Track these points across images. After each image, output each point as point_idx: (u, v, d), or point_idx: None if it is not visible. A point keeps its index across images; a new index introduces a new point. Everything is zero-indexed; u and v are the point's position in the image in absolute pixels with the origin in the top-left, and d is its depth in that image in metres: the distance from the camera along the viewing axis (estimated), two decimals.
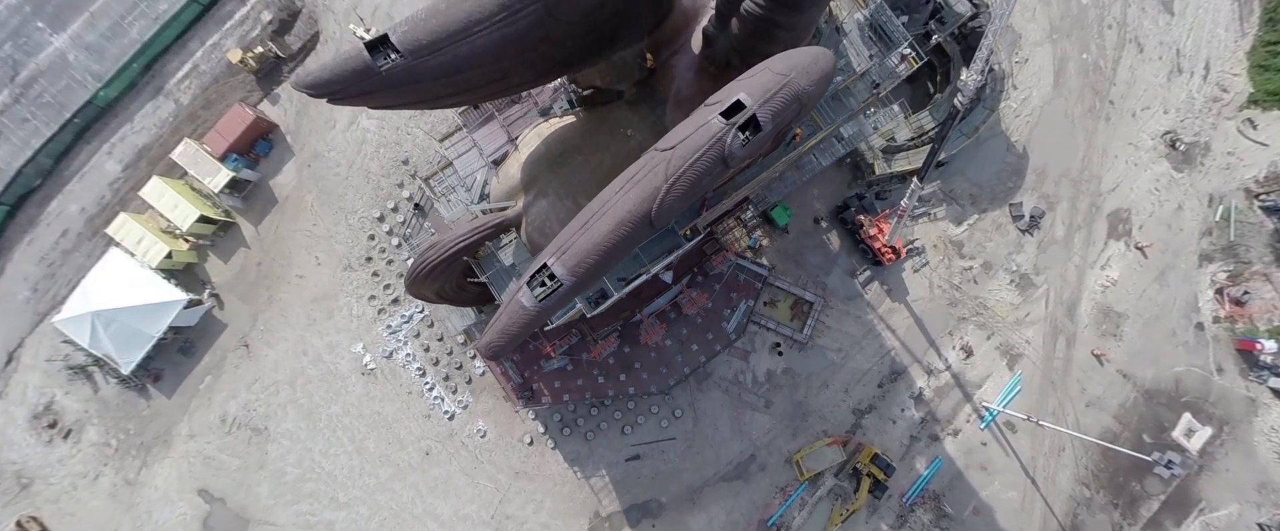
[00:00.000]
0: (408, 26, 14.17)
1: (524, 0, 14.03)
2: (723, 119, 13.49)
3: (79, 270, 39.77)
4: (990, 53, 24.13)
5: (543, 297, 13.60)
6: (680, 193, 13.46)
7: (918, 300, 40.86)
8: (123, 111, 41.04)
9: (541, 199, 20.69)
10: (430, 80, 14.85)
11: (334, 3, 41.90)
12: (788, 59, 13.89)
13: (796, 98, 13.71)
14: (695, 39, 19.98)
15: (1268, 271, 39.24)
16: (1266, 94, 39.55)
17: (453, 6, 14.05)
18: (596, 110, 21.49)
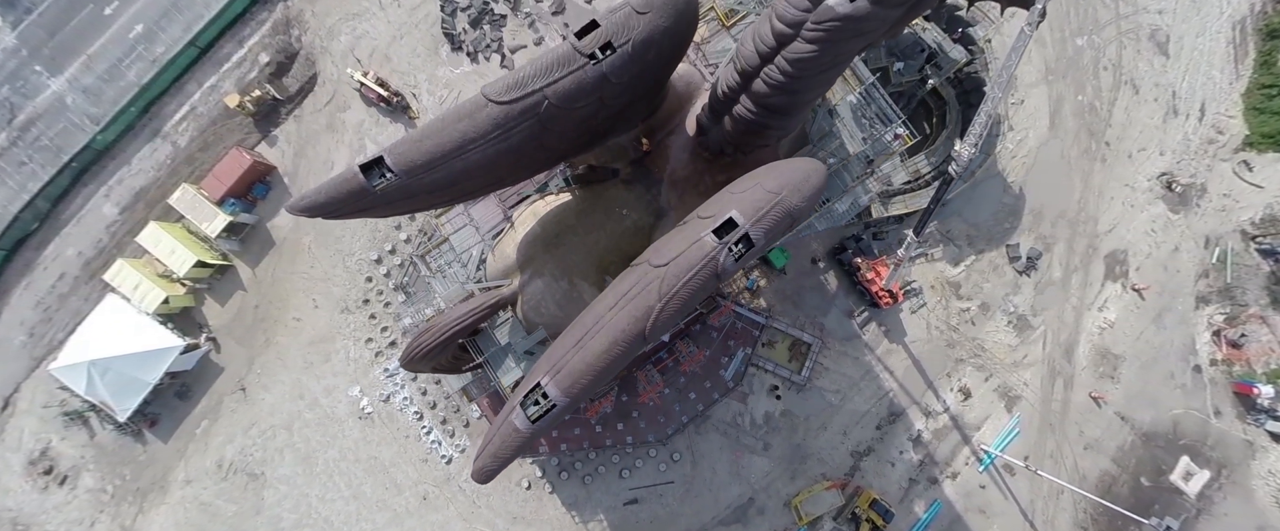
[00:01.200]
0: (402, 148, 14.17)
1: (518, 117, 14.07)
2: (716, 238, 13.50)
3: (75, 314, 39.71)
4: (986, 128, 24.21)
5: (536, 418, 13.58)
6: (674, 311, 13.46)
7: (915, 341, 40.84)
8: (120, 154, 41.08)
9: (537, 279, 20.70)
10: (425, 194, 14.89)
11: (331, 45, 42.01)
12: (780, 175, 13.92)
13: (789, 214, 13.74)
14: (689, 121, 20.05)
15: (1264, 314, 39.30)
16: (1262, 136, 39.70)
17: (447, 127, 14.07)
18: (592, 188, 21.51)
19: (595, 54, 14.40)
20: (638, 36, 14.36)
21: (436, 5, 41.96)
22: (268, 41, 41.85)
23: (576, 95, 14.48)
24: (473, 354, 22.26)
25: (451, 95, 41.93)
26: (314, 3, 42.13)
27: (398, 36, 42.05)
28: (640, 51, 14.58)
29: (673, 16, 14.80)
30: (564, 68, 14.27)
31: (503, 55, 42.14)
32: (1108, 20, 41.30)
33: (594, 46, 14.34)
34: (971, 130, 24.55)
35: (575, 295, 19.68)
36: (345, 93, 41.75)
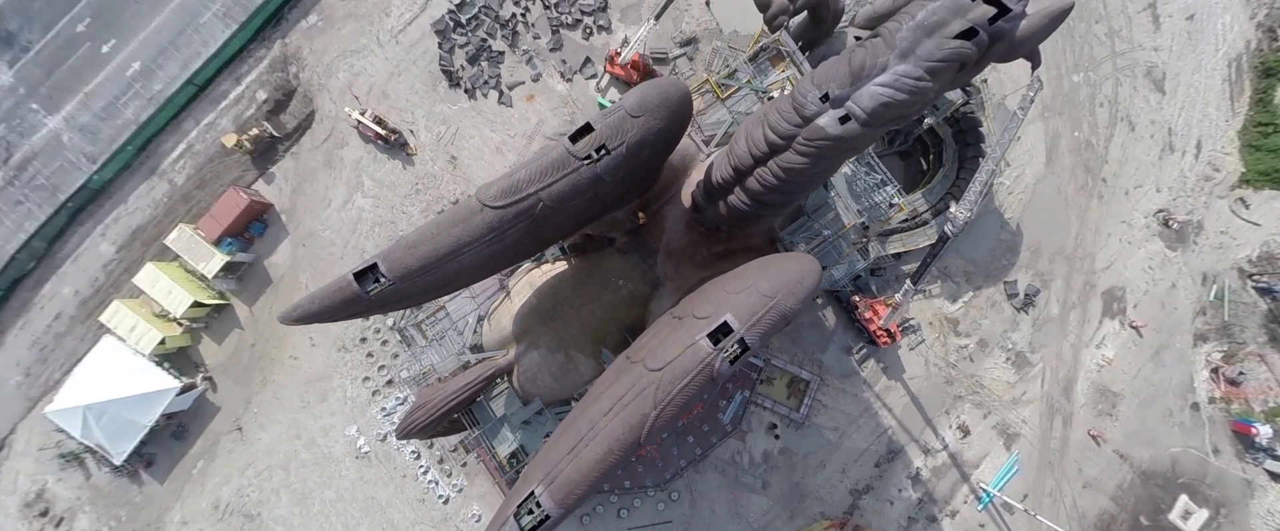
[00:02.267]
0: (397, 254, 14.16)
1: (513, 220, 14.08)
2: (710, 343, 13.48)
3: (71, 354, 39.60)
4: (983, 192, 24.23)
5: (530, 528, 13.54)
6: (669, 418, 13.43)
7: (914, 378, 40.79)
8: (117, 192, 41.02)
9: (533, 350, 20.71)
10: (419, 295, 14.88)
11: (329, 81, 42.04)
12: (774, 277, 13.91)
13: (783, 317, 13.73)
14: (685, 192, 20.04)
15: (1262, 352, 39.30)
16: (1258, 174, 39.77)
17: (441, 233, 14.07)
18: (588, 256, 21.53)
19: (591, 155, 14.41)
20: (632, 138, 14.39)
21: (434, 42, 42.03)
22: (265, 79, 41.89)
23: (571, 196, 14.49)
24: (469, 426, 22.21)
25: (449, 131, 41.98)
26: (312, 40, 42.18)
27: (395, 73, 42.10)
28: (635, 152, 14.61)
29: (667, 118, 14.83)
30: (559, 171, 14.29)
31: (500, 92, 42.18)
32: (1104, 57, 41.40)
33: (589, 149, 14.35)
34: (968, 195, 24.57)
35: (572, 367, 19.68)
36: (343, 129, 41.76)
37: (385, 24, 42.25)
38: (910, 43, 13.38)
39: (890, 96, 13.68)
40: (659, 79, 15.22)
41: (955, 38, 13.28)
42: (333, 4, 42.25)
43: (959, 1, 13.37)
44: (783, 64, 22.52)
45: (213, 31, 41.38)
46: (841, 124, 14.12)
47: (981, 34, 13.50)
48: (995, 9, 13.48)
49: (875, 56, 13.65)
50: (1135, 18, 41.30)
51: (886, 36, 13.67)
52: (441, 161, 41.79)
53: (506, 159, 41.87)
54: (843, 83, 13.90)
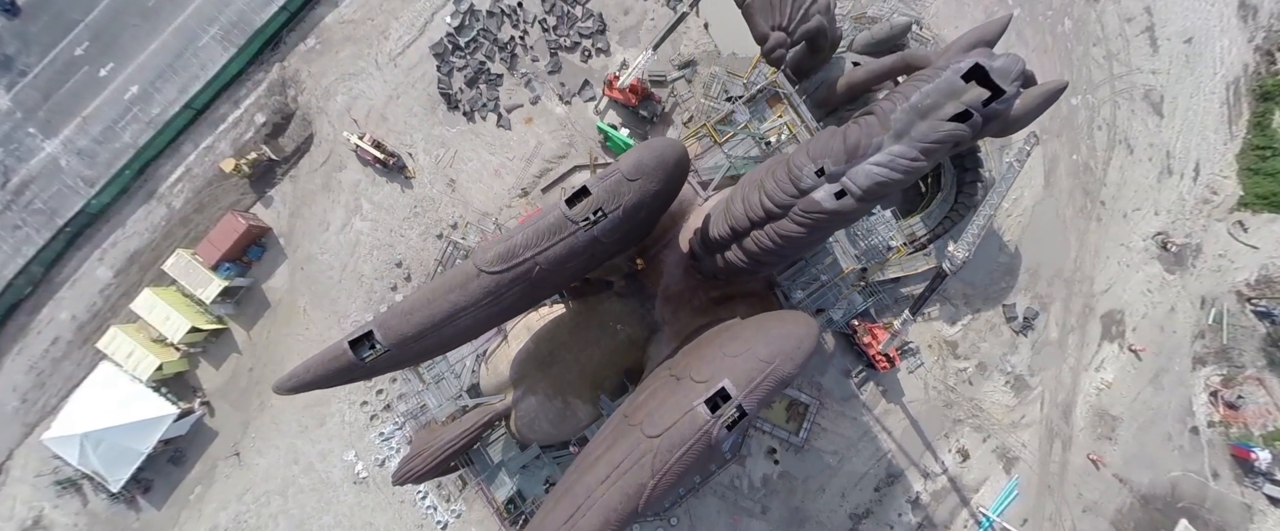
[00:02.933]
0: (392, 321, 14.14)
1: (510, 284, 14.04)
2: (708, 410, 13.43)
3: (69, 379, 39.48)
4: (981, 233, 24.22)
5: None
6: (667, 485, 13.39)
7: (913, 401, 40.75)
8: (114, 216, 40.92)
9: (531, 396, 20.65)
10: (414, 358, 14.84)
11: (328, 105, 42.00)
12: (772, 342, 13.88)
13: (781, 383, 13.71)
14: (682, 237, 20.00)
15: (1261, 376, 39.30)
16: (1256, 197, 39.82)
17: (437, 298, 14.04)
18: (586, 300, 21.52)
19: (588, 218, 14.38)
20: (628, 202, 14.37)
21: (433, 65, 42.00)
22: (264, 102, 41.84)
23: (568, 258, 14.46)
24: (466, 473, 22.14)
25: (448, 154, 41.94)
26: (310, 63, 42.14)
27: (394, 96, 42.06)
28: (631, 214, 14.59)
29: (663, 180, 14.82)
30: (556, 235, 14.26)
31: (499, 114, 42.16)
32: (1102, 80, 41.46)
33: (586, 214, 14.33)
34: (965, 236, 24.57)
35: (569, 413, 19.61)
36: (341, 153, 41.71)
37: (383, 47, 42.23)
38: (904, 124, 13.38)
39: (885, 176, 13.71)
40: (656, 140, 15.18)
41: (950, 120, 13.27)
42: (331, 27, 42.23)
43: (953, 83, 13.34)
44: (780, 106, 22.51)
45: (211, 55, 41.36)
46: (837, 199, 14.14)
47: (976, 116, 13.48)
48: (989, 91, 13.45)
49: (870, 136, 13.65)
50: (1133, 41, 41.37)
51: (880, 115, 13.66)
52: (440, 184, 41.73)
53: (505, 181, 41.84)
54: (838, 159, 13.92)
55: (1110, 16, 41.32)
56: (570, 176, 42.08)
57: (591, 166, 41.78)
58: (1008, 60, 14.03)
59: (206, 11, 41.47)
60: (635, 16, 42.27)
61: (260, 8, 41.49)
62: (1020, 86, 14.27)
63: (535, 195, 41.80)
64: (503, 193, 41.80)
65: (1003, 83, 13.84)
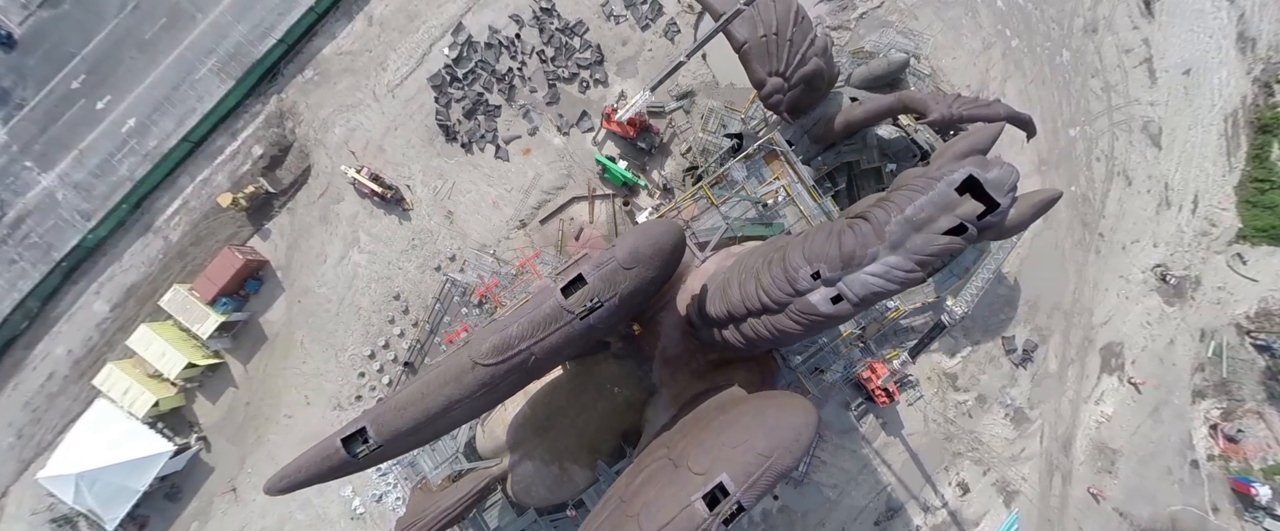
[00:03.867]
0: (386, 417, 14.02)
1: (505, 375, 13.94)
2: (706, 506, 13.31)
3: (65, 415, 39.33)
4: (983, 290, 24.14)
5: None
6: None
7: (913, 434, 40.63)
8: (111, 250, 40.81)
9: (527, 461, 20.53)
10: (406, 450, 14.72)
11: (326, 137, 41.93)
12: (771, 434, 13.77)
13: (780, 475, 13.59)
14: (680, 299, 19.90)
15: (1261, 409, 39.21)
16: (1255, 230, 39.78)
17: (430, 393, 13.93)
18: (582, 362, 21.41)
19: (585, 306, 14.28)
20: (625, 290, 14.30)
21: (431, 97, 41.96)
22: (261, 134, 41.77)
23: (563, 347, 14.38)
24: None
25: (446, 186, 41.86)
26: (308, 95, 42.09)
27: (392, 128, 42.00)
28: (627, 302, 14.51)
29: (660, 268, 14.74)
30: (551, 326, 14.18)
31: (497, 146, 42.09)
32: (1100, 111, 41.45)
33: (582, 305, 14.24)
34: (965, 292, 24.51)
35: (566, 479, 19.53)
36: (339, 185, 41.62)
37: (381, 78, 42.18)
38: (899, 236, 13.34)
39: (882, 286, 13.68)
40: (653, 224, 15.12)
41: (945, 233, 13.24)
42: (329, 59, 42.19)
43: (947, 196, 13.27)
44: (777, 163, 22.48)
45: (208, 87, 41.31)
46: (834, 304, 14.08)
47: (970, 229, 13.46)
48: (983, 204, 13.42)
49: (865, 245, 13.62)
50: (1131, 72, 41.37)
51: (875, 225, 13.60)
52: (438, 216, 41.65)
53: (503, 213, 41.76)
54: (833, 265, 13.88)
55: (1108, 48, 41.33)
56: (568, 207, 42.01)
57: (589, 198, 41.76)
58: (1002, 172, 13.99)
59: (204, 44, 41.42)
60: (633, 47, 42.26)
61: (258, 40, 41.46)
62: (1013, 199, 14.20)
63: (533, 227, 41.74)
64: (501, 224, 41.72)
65: (997, 195, 13.79)
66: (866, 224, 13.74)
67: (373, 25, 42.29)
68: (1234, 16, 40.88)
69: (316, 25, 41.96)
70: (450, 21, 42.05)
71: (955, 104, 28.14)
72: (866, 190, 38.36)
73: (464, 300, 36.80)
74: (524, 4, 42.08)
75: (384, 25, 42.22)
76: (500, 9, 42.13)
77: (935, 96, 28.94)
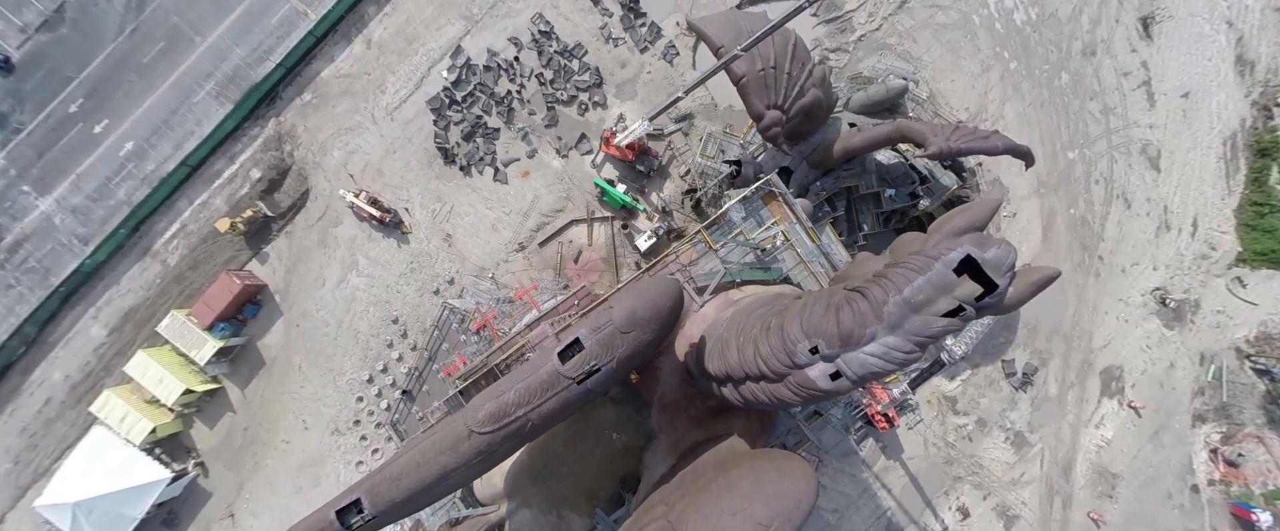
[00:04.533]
0: (381, 487, 13.93)
1: (501, 442, 13.85)
2: None
3: (62, 440, 39.17)
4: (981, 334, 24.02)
5: None
6: None
7: (913, 458, 40.52)
8: (109, 274, 40.70)
9: (525, 509, 20.44)
10: (401, 517, 14.63)
11: (324, 160, 41.87)
12: (770, 501, 13.69)
13: None
14: (679, 344, 19.81)
15: (1261, 434, 39.12)
16: (1254, 253, 39.75)
17: (427, 463, 13.83)
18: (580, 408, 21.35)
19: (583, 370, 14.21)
20: (623, 354, 14.23)
21: (429, 119, 41.92)
22: (259, 157, 41.70)
23: (560, 412, 14.30)
24: None
25: (444, 209, 41.80)
26: (306, 118, 42.04)
27: (391, 151, 41.95)
28: (625, 365, 14.44)
29: (657, 330, 14.68)
30: (548, 391, 14.10)
31: (496, 169, 42.05)
32: (1098, 134, 41.45)
33: (580, 370, 14.16)
34: (967, 331, 24.46)
35: (564, 528, 19.43)
36: (338, 208, 41.55)
37: (380, 101, 42.15)
38: (898, 317, 13.27)
39: (881, 367, 13.64)
40: (650, 285, 15.04)
41: (943, 315, 13.17)
42: (327, 82, 42.16)
43: (945, 277, 13.18)
44: (775, 204, 22.45)
45: (206, 110, 41.26)
46: (833, 380, 14.04)
47: (969, 310, 13.41)
48: (981, 285, 13.34)
49: (863, 325, 13.56)
50: (1130, 95, 41.38)
51: (873, 304, 13.52)
52: (437, 239, 41.58)
53: (502, 236, 41.69)
54: (831, 342, 13.83)
55: (1107, 71, 41.35)
56: (567, 230, 41.96)
57: (588, 220, 41.71)
58: (1000, 252, 13.92)
59: (202, 67, 41.39)
60: (632, 70, 42.28)
61: (256, 63, 41.44)
62: (1011, 280, 14.14)
63: (532, 249, 41.67)
64: (499, 247, 41.66)
65: (995, 276, 13.72)
66: (864, 301, 13.68)
67: (371, 48, 42.28)
68: (1232, 40, 40.92)
69: (315, 48, 41.95)
70: (449, 44, 42.07)
71: (953, 136, 28.11)
72: (866, 215, 38.40)
73: (462, 327, 36.69)
74: (523, 27, 42.11)
75: (383, 48, 42.22)
76: (499, 32, 42.16)
77: (933, 128, 28.92)
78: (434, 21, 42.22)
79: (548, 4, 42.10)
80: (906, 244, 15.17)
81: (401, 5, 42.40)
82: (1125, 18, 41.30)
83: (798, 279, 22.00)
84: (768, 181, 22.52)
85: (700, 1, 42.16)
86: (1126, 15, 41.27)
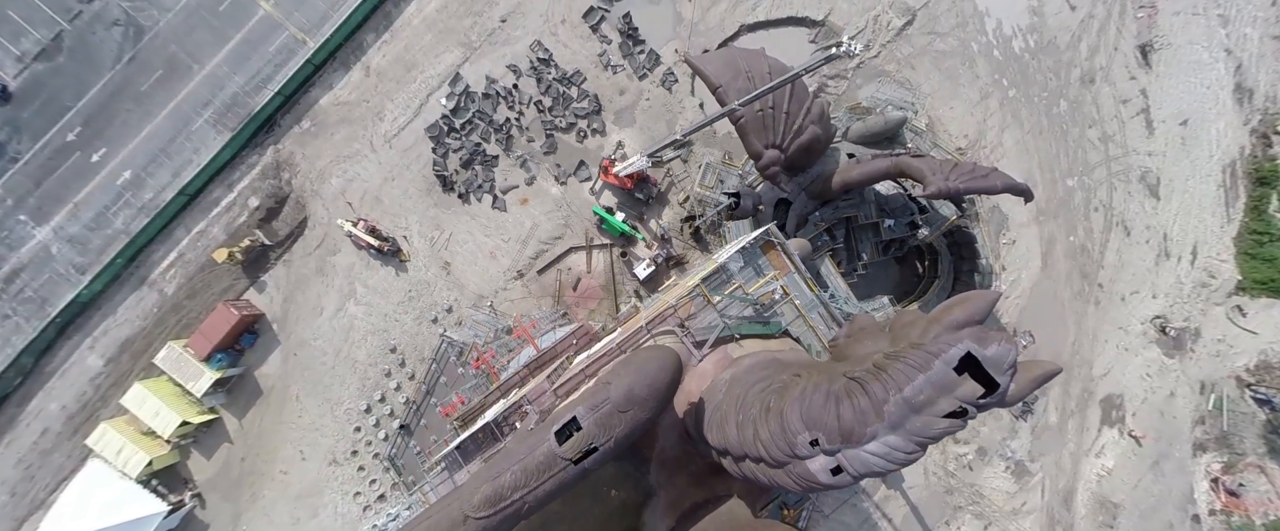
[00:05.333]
0: None
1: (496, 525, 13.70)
2: None
3: (58, 472, 38.98)
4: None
5: None
6: None
7: (913, 488, 40.35)
8: (105, 304, 40.56)
9: None
10: None
11: (322, 188, 41.78)
12: None
13: None
14: (677, 401, 19.69)
15: (1262, 463, 39.00)
16: (1254, 282, 39.67)
17: None
18: None
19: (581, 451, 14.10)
20: (620, 433, 14.13)
21: (428, 147, 41.86)
22: (257, 185, 41.61)
23: (557, 492, 14.18)
24: None
25: (443, 237, 41.70)
26: (305, 145, 41.97)
27: (389, 178, 41.87)
28: (623, 444, 14.32)
29: (656, 408, 14.57)
30: (545, 473, 13.99)
31: (494, 196, 41.97)
32: (1098, 162, 41.40)
33: (576, 450, 14.04)
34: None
35: None
36: (336, 236, 41.44)
37: (379, 129, 42.09)
38: (899, 417, 13.18)
39: (883, 466, 13.57)
40: (649, 361, 14.92)
41: (945, 416, 13.10)
42: (326, 109, 42.10)
43: (945, 377, 13.08)
44: (774, 252, 22.35)
45: (205, 139, 41.20)
46: (834, 475, 13.95)
47: (971, 411, 13.31)
48: (982, 384, 13.23)
49: (864, 424, 13.46)
50: (1129, 123, 41.35)
51: (874, 402, 13.42)
52: (435, 268, 41.47)
53: (500, 263, 41.58)
54: (832, 438, 13.73)
55: (1105, 98, 41.33)
56: (566, 257, 41.87)
57: (587, 248, 41.61)
58: (1000, 349, 13.83)
59: (200, 95, 41.36)
60: (630, 97, 42.23)
61: (254, 91, 41.41)
62: (1012, 378, 14.05)
63: (531, 277, 41.55)
64: (498, 275, 41.55)
65: (996, 374, 13.64)
66: (865, 397, 13.58)
67: (370, 76, 42.25)
68: (1231, 68, 40.92)
69: (314, 76, 41.93)
70: (448, 72, 42.03)
71: (952, 175, 28.05)
72: (865, 244, 38.32)
73: (460, 360, 36.56)
74: (521, 54, 42.09)
75: (381, 76, 42.19)
76: (498, 59, 42.13)
77: (932, 166, 28.87)
78: (433, 49, 42.20)
79: (546, 31, 42.09)
80: (906, 326, 15.09)
81: (400, 32, 42.40)
82: (1124, 45, 41.30)
83: (797, 332, 21.93)
84: (766, 231, 22.46)
85: (698, 29, 42.17)
86: (1125, 43, 41.27)
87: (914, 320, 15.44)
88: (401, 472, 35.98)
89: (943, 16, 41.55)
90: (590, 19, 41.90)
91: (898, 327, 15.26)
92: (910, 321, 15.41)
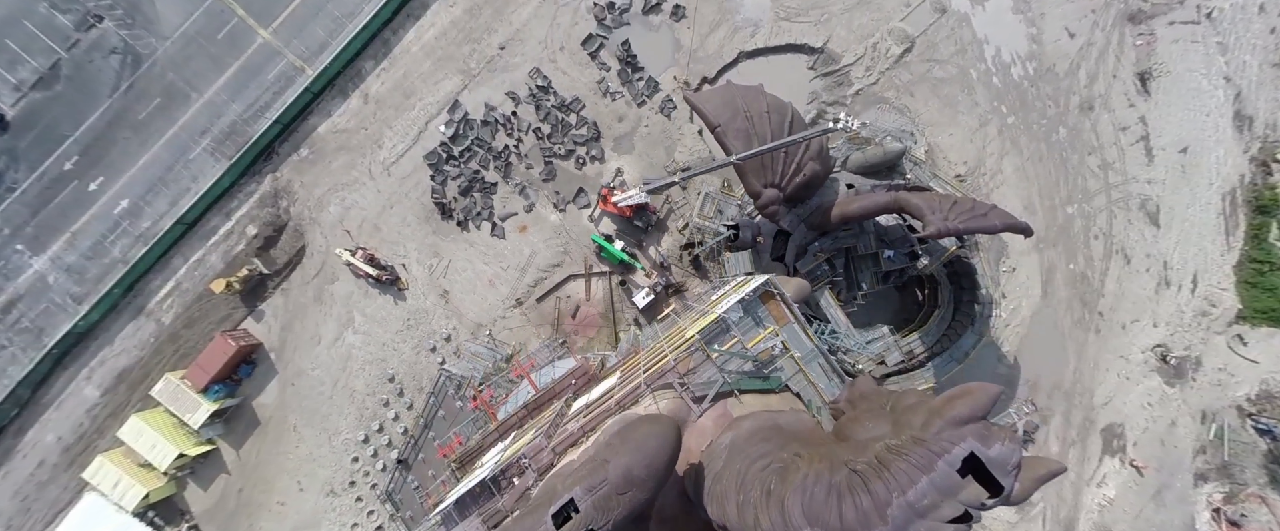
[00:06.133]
0: None
1: None
2: None
3: (54, 504, 38.78)
4: None
5: None
6: None
7: None
8: (102, 333, 40.43)
9: None
10: None
11: (321, 215, 41.69)
12: None
13: None
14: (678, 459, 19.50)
15: (1263, 494, 38.81)
16: (1255, 311, 39.54)
17: None
18: None
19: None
20: (619, 515, 13.99)
21: (426, 174, 41.78)
22: (255, 214, 41.53)
23: None
24: None
25: (441, 264, 41.59)
26: (303, 173, 41.87)
27: (388, 206, 41.78)
28: (622, 527, 14.17)
29: (655, 488, 14.41)
30: None
31: (493, 224, 41.86)
32: (1097, 189, 41.31)
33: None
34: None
35: None
36: (334, 264, 41.32)
37: (377, 156, 42.01)
38: (902, 521, 13.06)
39: None
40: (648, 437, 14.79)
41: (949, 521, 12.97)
42: (324, 137, 42.03)
43: (949, 479, 12.94)
44: (773, 303, 22.26)
45: (202, 167, 41.13)
46: None
47: (975, 515, 13.19)
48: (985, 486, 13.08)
49: (866, 526, 13.34)
50: (1128, 150, 41.27)
51: (877, 503, 13.28)
52: (433, 296, 41.35)
53: (499, 291, 41.47)
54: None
55: (1105, 126, 41.27)
56: (564, 285, 41.75)
57: (586, 275, 41.50)
58: (1004, 450, 13.70)
59: (198, 124, 41.30)
60: (629, 124, 42.17)
61: (252, 119, 41.36)
62: (1016, 479, 13.92)
63: (530, 305, 41.42)
64: (497, 303, 41.44)
65: (1000, 476, 13.52)
66: (867, 496, 13.44)
67: (369, 103, 42.19)
68: (1230, 95, 40.86)
69: (312, 104, 41.87)
70: (446, 99, 41.98)
71: (951, 214, 27.92)
72: (864, 274, 38.20)
73: (459, 394, 36.42)
74: (520, 81, 42.03)
75: (380, 103, 42.13)
76: (496, 86, 42.08)
77: (931, 204, 28.75)
78: (431, 76, 42.16)
79: (545, 58, 42.05)
80: (908, 411, 14.92)
81: (399, 60, 42.35)
82: (1123, 73, 41.25)
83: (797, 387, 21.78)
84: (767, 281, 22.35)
85: (697, 56, 42.13)
86: (1124, 70, 41.22)
87: (917, 404, 15.28)
88: (399, 508, 35.79)
89: (941, 44, 41.52)
90: (589, 46, 41.86)
91: (900, 412, 15.11)
92: (912, 405, 15.26)
